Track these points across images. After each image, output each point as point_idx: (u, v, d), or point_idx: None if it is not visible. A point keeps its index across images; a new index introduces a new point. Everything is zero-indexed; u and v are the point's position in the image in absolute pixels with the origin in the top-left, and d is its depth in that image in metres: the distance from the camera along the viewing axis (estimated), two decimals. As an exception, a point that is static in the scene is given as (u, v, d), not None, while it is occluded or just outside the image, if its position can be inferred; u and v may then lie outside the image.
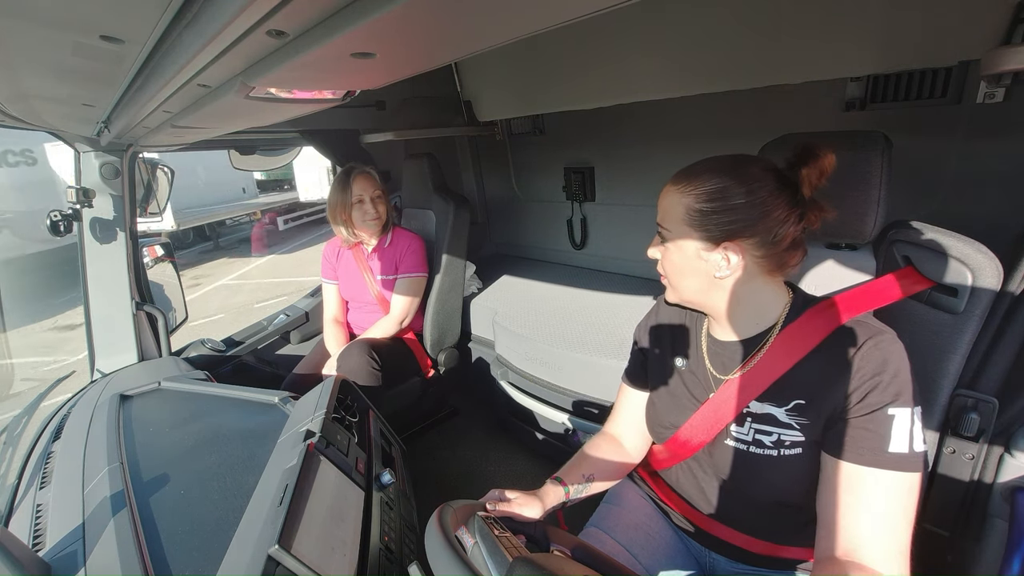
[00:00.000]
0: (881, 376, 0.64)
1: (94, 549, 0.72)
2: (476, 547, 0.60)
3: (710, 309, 0.78)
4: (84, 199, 1.41)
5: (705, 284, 0.74)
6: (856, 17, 1.00)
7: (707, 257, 0.71)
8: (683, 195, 0.71)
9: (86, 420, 1.13)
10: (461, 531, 0.63)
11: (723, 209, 0.69)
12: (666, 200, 0.74)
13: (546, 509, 0.80)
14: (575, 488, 0.86)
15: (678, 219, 0.72)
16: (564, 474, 0.88)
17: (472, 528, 0.63)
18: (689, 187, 0.71)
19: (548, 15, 0.42)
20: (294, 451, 0.80)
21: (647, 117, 1.84)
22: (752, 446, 0.74)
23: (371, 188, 1.74)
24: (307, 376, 1.75)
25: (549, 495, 0.82)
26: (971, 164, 1.22)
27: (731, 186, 0.68)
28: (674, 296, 0.80)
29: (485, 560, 0.57)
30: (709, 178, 0.70)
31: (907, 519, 0.60)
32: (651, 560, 0.86)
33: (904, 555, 0.59)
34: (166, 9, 0.42)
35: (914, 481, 0.61)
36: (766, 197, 0.68)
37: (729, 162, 0.71)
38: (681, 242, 0.73)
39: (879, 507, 0.60)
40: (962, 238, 0.75)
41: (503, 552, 0.57)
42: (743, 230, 0.69)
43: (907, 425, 0.62)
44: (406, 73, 0.59)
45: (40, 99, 0.84)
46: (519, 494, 0.79)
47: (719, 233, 0.69)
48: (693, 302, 0.78)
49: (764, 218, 0.68)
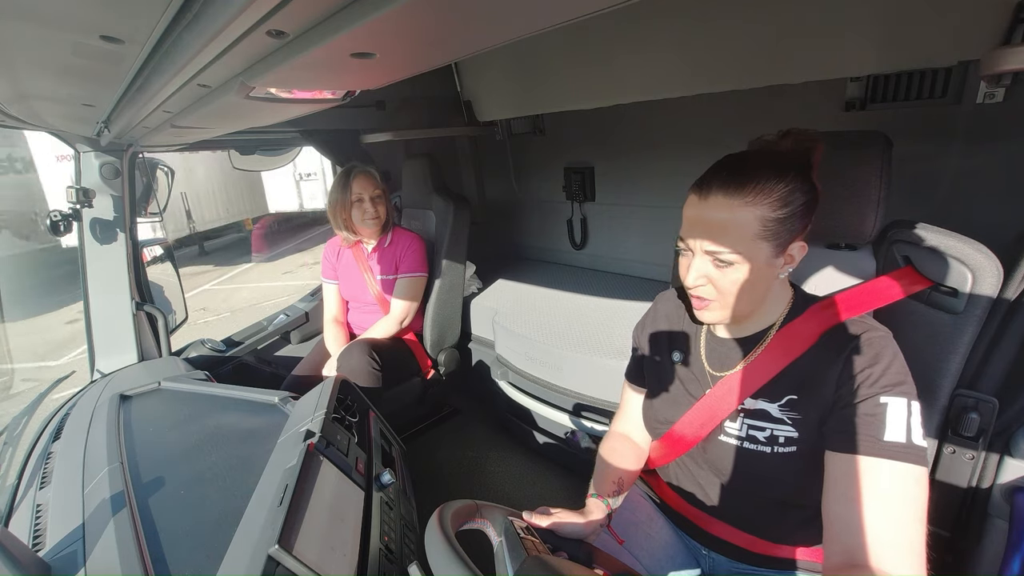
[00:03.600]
0: (872, 368, 0.64)
1: (94, 549, 0.72)
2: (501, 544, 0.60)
3: (743, 313, 0.73)
4: (84, 199, 1.41)
5: (765, 290, 0.71)
6: (856, 17, 1.00)
7: (774, 263, 0.68)
8: (755, 207, 0.64)
9: (86, 420, 1.13)
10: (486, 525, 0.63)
11: (795, 213, 0.66)
12: (727, 217, 0.65)
13: (588, 521, 0.77)
14: (614, 500, 0.84)
15: (751, 235, 0.65)
16: (598, 487, 0.86)
17: (499, 527, 0.63)
18: (760, 196, 0.64)
19: (548, 15, 0.42)
20: (294, 451, 0.80)
21: (647, 117, 1.84)
22: (745, 442, 0.74)
23: (371, 187, 1.74)
24: (307, 376, 1.75)
25: (592, 510, 0.80)
26: (971, 164, 1.22)
27: (797, 186, 0.66)
28: (723, 315, 0.72)
29: (505, 556, 0.57)
30: (776, 182, 0.64)
31: (915, 515, 0.57)
32: (651, 560, 0.86)
33: (915, 554, 0.55)
34: (166, 9, 0.42)
35: (918, 475, 0.58)
36: (813, 191, 0.68)
37: (770, 158, 0.67)
38: (753, 258, 0.66)
39: (883, 500, 0.57)
40: (962, 238, 0.75)
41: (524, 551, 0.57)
42: (805, 227, 0.69)
43: (903, 415, 0.60)
44: (406, 73, 0.59)
45: (40, 99, 0.84)
46: (561, 510, 0.77)
47: (788, 238, 0.67)
48: (741, 315, 0.72)
49: (814, 208, 0.68)
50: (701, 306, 0.72)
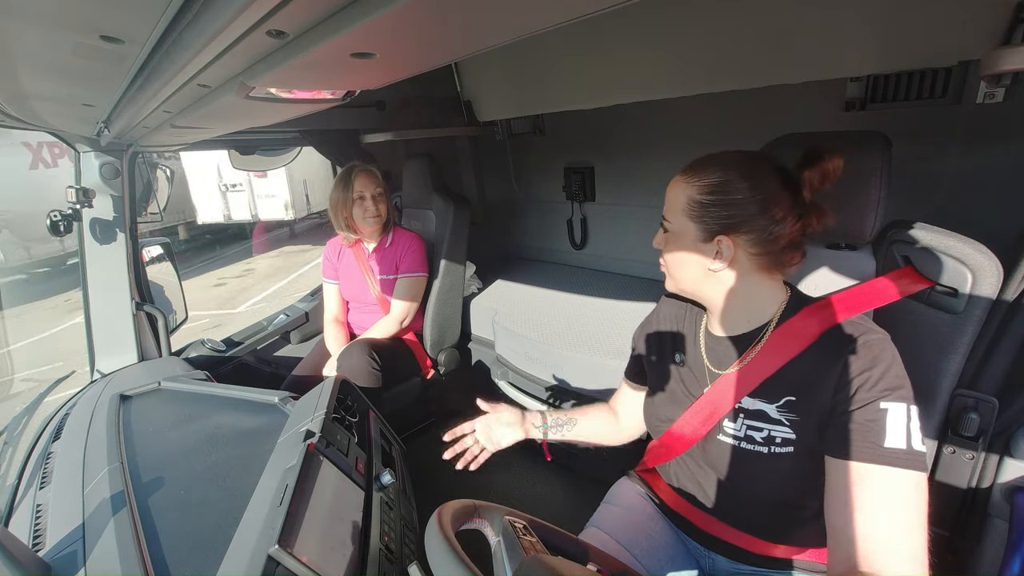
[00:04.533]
0: (870, 372, 0.63)
1: (94, 549, 0.72)
2: (499, 544, 0.60)
3: (706, 301, 0.80)
4: (84, 199, 1.41)
5: (699, 275, 0.76)
6: (856, 17, 1.00)
7: (702, 248, 0.73)
8: (687, 186, 0.73)
9: (86, 420, 1.13)
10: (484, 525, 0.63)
11: (721, 203, 0.70)
12: (672, 190, 0.76)
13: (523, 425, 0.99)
14: (555, 418, 0.99)
15: (680, 210, 0.74)
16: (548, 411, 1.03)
17: (496, 527, 0.63)
18: (694, 178, 0.73)
19: (548, 15, 0.42)
20: (294, 451, 0.80)
21: (647, 117, 1.84)
22: (743, 442, 0.74)
23: (372, 186, 1.74)
24: (307, 376, 1.75)
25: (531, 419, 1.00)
26: (971, 164, 1.22)
27: (733, 180, 0.69)
28: (672, 285, 0.82)
29: (503, 556, 0.57)
30: (714, 171, 0.71)
31: (917, 521, 0.57)
32: (651, 560, 0.86)
33: (918, 561, 0.56)
34: (166, 9, 0.42)
35: (919, 481, 0.59)
36: (767, 195, 0.68)
37: (738, 157, 0.72)
38: (680, 232, 0.75)
39: (884, 507, 0.58)
40: (962, 238, 0.75)
41: (522, 551, 0.57)
42: (739, 224, 0.70)
43: (902, 421, 0.60)
44: (406, 73, 0.59)
45: (40, 99, 0.84)
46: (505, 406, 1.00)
47: (715, 226, 0.71)
48: (688, 292, 0.80)
49: (761, 215, 0.69)
50: (663, 270, 0.82)
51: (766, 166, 0.71)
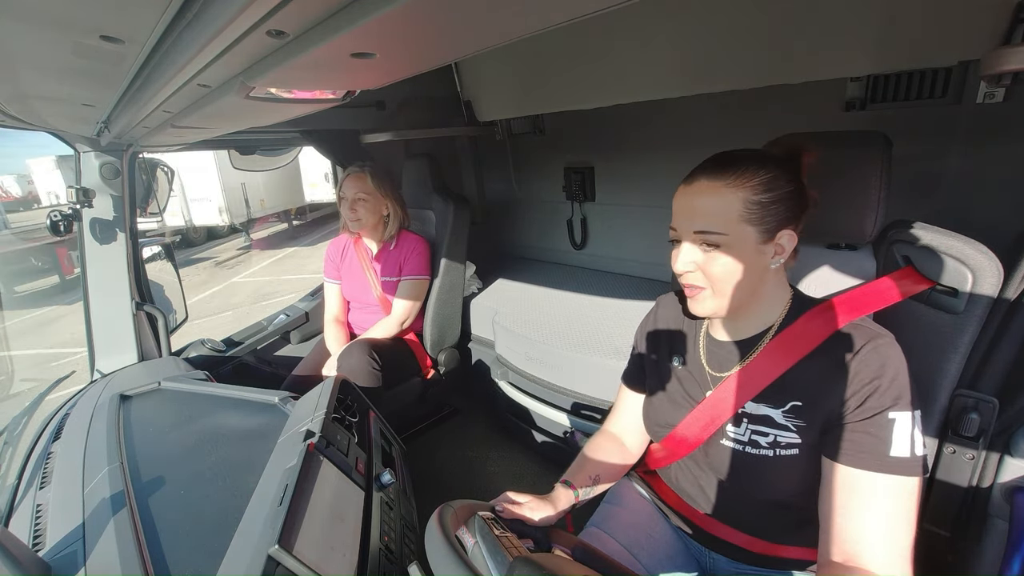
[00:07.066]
0: (880, 380, 0.63)
1: (94, 549, 0.72)
2: (476, 547, 0.59)
3: (744, 308, 0.74)
4: (84, 199, 1.41)
5: (757, 280, 0.71)
6: (856, 17, 1.00)
7: (762, 250, 0.69)
8: (738, 189, 0.66)
9: (86, 420, 1.13)
10: (462, 531, 0.63)
11: (779, 198, 0.67)
12: (713, 198, 0.67)
13: (557, 512, 0.79)
14: (584, 491, 0.85)
15: (735, 217, 0.66)
16: (572, 477, 0.88)
17: (472, 528, 0.63)
18: (742, 179, 0.66)
19: (548, 15, 0.42)
20: (294, 451, 0.80)
21: (647, 117, 1.84)
22: (748, 447, 0.74)
23: (354, 189, 1.72)
24: (307, 376, 1.75)
25: (560, 499, 0.81)
26: (971, 164, 1.22)
27: (779, 174, 0.68)
28: (716, 306, 0.72)
29: (485, 560, 0.56)
30: (755, 169, 0.67)
31: (909, 523, 0.60)
32: (651, 560, 0.86)
33: (906, 559, 0.59)
34: (166, 9, 0.42)
35: (915, 485, 0.61)
36: (799, 184, 0.70)
37: (759, 153, 0.71)
38: (739, 239, 0.67)
39: (881, 511, 0.60)
40: (962, 238, 0.75)
41: (504, 552, 0.57)
42: (796, 216, 0.70)
43: (908, 429, 0.61)
44: (406, 73, 0.59)
45: (40, 99, 0.84)
46: (530, 497, 0.78)
47: (774, 223, 0.68)
48: (738, 306, 0.72)
49: (804, 205, 0.70)
50: (692, 294, 0.73)
51: (778, 155, 0.72)
